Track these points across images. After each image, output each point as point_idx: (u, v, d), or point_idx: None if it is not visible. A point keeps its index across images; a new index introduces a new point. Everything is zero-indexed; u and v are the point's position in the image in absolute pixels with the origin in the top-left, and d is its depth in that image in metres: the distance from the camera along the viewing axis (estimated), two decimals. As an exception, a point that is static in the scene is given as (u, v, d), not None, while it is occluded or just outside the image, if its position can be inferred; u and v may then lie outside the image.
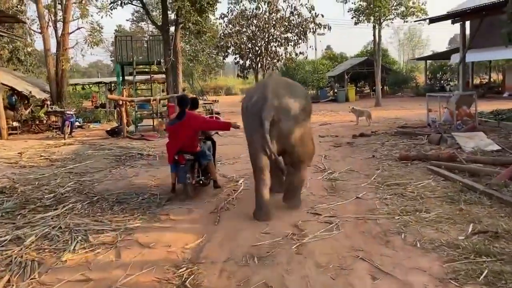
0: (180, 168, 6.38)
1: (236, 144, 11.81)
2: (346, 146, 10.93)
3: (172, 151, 6.45)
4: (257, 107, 5.25)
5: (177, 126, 6.38)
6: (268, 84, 5.57)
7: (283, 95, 5.37)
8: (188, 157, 6.39)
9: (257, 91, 5.67)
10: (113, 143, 13.10)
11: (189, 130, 6.35)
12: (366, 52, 37.86)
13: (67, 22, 22.41)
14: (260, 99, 5.31)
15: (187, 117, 6.36)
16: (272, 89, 5.39)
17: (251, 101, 5.48)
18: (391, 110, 21.18)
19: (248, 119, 5.50)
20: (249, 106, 5.48)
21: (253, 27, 22.56)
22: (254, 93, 5.61)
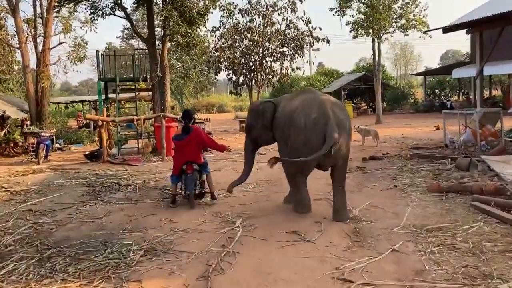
0: (188, 177, 6.92)
1: (230, 169, 10.34)
2: (357, 172, 9.47)
3: (179, 164, 7.03)
4: (319, 125, 5.51)
5: (185, 140, 6.94)
6: (324, 100, 5.81)
7: (338, 112, 5.68)
8: (195, 167, 7.00)
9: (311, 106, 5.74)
10: (91, 169, 11.55)
11: (195, 144, 6.96)
12: (362, 68, 36.75)
13: (48, 36, 20.93)
14: (322, 117, 5.53)
15: (193, 132, 7.01)
16: (330, 106, 5.66)
17: (310, 118, 5.59)
18: (395, 128, 19.83)
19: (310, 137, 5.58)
20: (309, 122, 5.60)
21: (247, 41, 21.24)
22: (311, 110, 5.68)
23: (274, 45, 21.31)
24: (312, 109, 5.66)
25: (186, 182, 6.95)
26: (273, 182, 8.80)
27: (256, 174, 9.63)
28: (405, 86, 37.09)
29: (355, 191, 7.64)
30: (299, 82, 33.42)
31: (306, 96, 6.08)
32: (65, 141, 19.76)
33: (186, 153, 6.95)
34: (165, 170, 10.89)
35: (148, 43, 14.45)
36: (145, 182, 9.24)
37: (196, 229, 5.73)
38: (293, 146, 5.83)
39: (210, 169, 7.50)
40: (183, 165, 6.94)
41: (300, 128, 5.68)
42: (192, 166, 6.93)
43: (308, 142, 5.59)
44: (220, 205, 7.09)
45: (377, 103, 24.44)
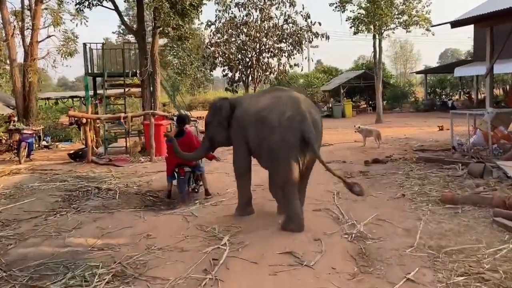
0: (180, 179, 7.24)
1: (223, 172, 9.56)
2: (360, 177, 8.68)
3: (172, 165, 7.31)
4: (295, 123, 5.19)
5: (182, 141, 6.97)
6: (298, 98, 5.56)
7: (311, 110, 5.47)
8: (187, 169, 7.25)
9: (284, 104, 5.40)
10: (73, 170, 10.75)
11: (187, 148, 6.82)
12: (362, 66, 35.93)
13: (36, 29, 20.06)
14: (297, 115, 5.24)
15: (186, 136, 7.27)
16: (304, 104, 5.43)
17: (285, 116, 5.25)
18: (396, 128, 19.05)
19: (286, 135, 5.21)
20: (284, 121, 5.24)
21: (243, 36, 20.39)
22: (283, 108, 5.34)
23: (272, 41, 20.48)
24: (285, 107, 5.33)
25: (179, 184, 7.30)
26: (268, 189, 7.99)
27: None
28: (405, 84, 36.30)
29: (358, 200, 6.83)
30: (297, 79, 32.58)
31: (276, 94, 5.73)
32: (53, 138, 18.95)
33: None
34: (152, 172, 10.11)
35: (138, 36, 13.63)
36: (127, 187, 8.45)
37: (175, 247, 4.94)
38: (270, 147, 5.37)
39: (204, 168, 7.82)
40: (175, 167, 7.25)
41: (273, 127, 5.28)
42: (183, 169, 7.21)
43: (284, 141, 5.21)
44: (207, 215, 6.30)
45: (378, 102, 23.67)
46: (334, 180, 8.40)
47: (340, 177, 5.53)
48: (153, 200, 7.30)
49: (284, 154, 5.26)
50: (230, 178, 8.94)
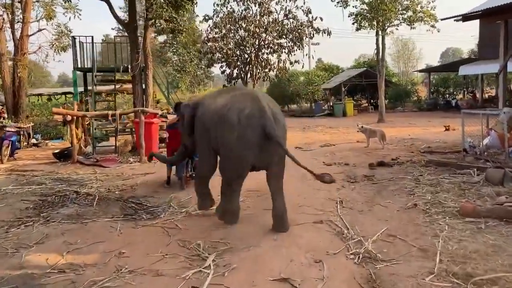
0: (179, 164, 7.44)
1: (218, 175, 8.76)
2: (365, 182, 7.90)
3: (171, 151, 7.55)
4: (255, 119, 5.05)
5: (176, 129, 7.11)
6: (258, 95, 5.43)
7: (271, 106, 5.32)
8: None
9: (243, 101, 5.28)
10: (55, 171, 9.99)
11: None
12: (363, 63, 35.13)
13: (26, 22, 19.29)
14: (256, 111, 5.10)
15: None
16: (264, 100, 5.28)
17: (244, 113, 5.11)
18: (399, 128, 18.27)
19: (245, 131, 5.05)
20: (243, 117, 5.09)
21: (242, 31, 19.59)
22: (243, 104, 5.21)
23: (271, 36, 19.67)
24: (245, 104, 5.20)
25: (177, 168, 7.72)
26: (263, 194, 7.22)
27: (244, 183, 8.12)
28: (407, 83, 35.49)
29: (364, 210, 6.08)
30: (298, 76, 31.71)
31: (236, 93, 5.64)
32: (44, 136, 18.20)
33: (177, 140, 7.10)
34: (139, 174, 9.35)
35: (129, 29, 12.83)
36: (109, 191, 7.67)
37: (150, 270, 4.17)
38: (226, 146, 5.23)
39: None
40: (174, 152, 7.31)
41: (233, 125, 5.11)
42: None
43: (243, 137, 5.06)
44: (192, 227, 5.53)
45: (380, 101, 22.88)
46: (336, 185, 7.69)
47: (307, 169, 5.23)
48: (135, 208, 6.52)
49: (239, 152, 5.13)
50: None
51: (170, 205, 6.69)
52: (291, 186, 7.80)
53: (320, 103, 30.79)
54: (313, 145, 13.84)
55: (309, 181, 8.10)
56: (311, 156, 11.35)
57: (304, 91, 30.15)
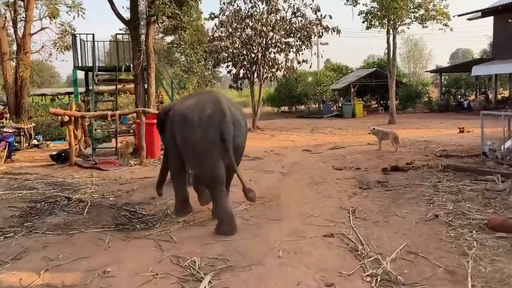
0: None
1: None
2: (379, 189, 7.31)
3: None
4: (215, 120, 5.10)
5: None
6: (219, 97, 5.45)
7: (233, 110, 5.36)
8: None
9: (208, 103, 5.31)
10: (50, 174, 9.52)
11: None
12: (373, 64, 34.45)
13: (29, 21, 18.90)
14: (217, 112, 5.15)
15: None
16: (226, 103, 5.32)
17: (205, 113, 5.18)
18: (411, 129, 17.65)
19: (207, 132, 5.12)
20: (204, 118, 5.16)
21: (249, 29, 19.02)
22: (205, 105, 5.28)
23: (279, 35, 19.07)
24: (207, 105, 5.30)
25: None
26: (268, 202, 6.68)
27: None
28: (418, 84, 34.76)
29: (379, 221, 5.49)
30: (306, 77, 31.11)
31: (202, 96, 5.79)
32: (46, 136, 17.77)
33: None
34: (137, 178, 8.83)
35: (131, 26, 12.35)
36: (103, 197, 7.16)
37: (136, 294, 3.63)
38: (190, 147, 5.32)
39: None
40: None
41: (194, 125, 5.20)
42: None
43: (206, 138, 5.13)
44: (188, 240, 4.98)
45: (391, 102, 22.22)
46: (347, 192, 7.13)
47: (241, 180, 5.27)
48: (129, 217, 5.99)
49: (206, 153, 5.20)
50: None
51: (167, 213, 6.16)
52: (297, 192, 7.26)
53: (328, 104, 30.20)
54: (322, 147, 13.27)
55: (317, 187, 7.57)
56: (320, 159, 10.78)
57: (312, 91, 29.57)
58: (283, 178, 8.58)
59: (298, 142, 15.19)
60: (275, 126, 22.38)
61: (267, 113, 32.36)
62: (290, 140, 15.71)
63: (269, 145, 13.99)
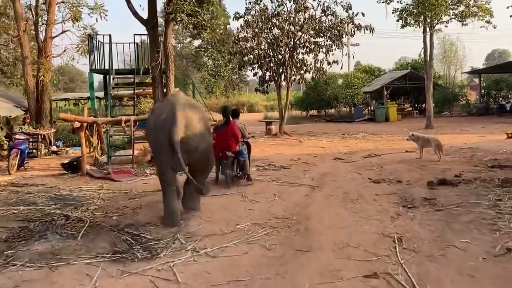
0: (223, 162, 8.09)
1: (237, 193, 7.28)
2: (426, 208, 6.16)
3: (218, 151, 7.69)
4: (167, 125, 5.55)
5: (224, 131, 8.08)
6: (176, 102, 5.86)
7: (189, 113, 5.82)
8: (230, 154, 8.02)
9: (165, 108, 5.86)
10: (57, 186, 8.75)
11: (230, 135, 8.03)
12: (407, 65, 32.86)
13: (50, 24, 18.44)
14: (169, 118, 5.59)
15: (230, 124, 8.11)
16: (180, 107, 5.73)
17: (160, 118, 5.74)
18: (451, 135, 16.28)
19: (157, 135, 5.71)
20: (158, 123, 5.74)
21: (276, 29, 18.02)
22: (163, 111, 5.84)
23: (308, 35, 18.00)
24: (163, 110, 5.84)
25: (221, 167, 8.18)
26: (295, 224, 5.64)
27: (272, 206, 6.57)
28: (454, 85, 32.98)
29: (434, 254, 4.38)
30: (336, 79, 29.90)
31: (167, 100, 6.55)
32: (66, 142, 17.22)
33: (223, 141, 8.00)
34: (149, 191, 7.94)
35: (148, 26, 11.55)
36: (106, 215, 6.26)
37: None
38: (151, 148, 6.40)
39: (247, 155, 8.49)
40: (220, 152, 7.86)
41: (151, 129, 5.94)
42: (226, 154, 7.95)
43: (157, 141, 5.77)
44: (194, 278, 3.99)
45: (428, 105, 20.83)
46: (389, 211, 6.02)
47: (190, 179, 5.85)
48: (130, 242, 5.05)
49: (157, 155, 5.91)
50: (246, 204, 6.68)
51: (176, 236, 5.21)
52: (330, 212, 6.18)
53: (360, 107, 28.89)
54: (355, 155, 12.13)
55: (353, 205, 6.48)
56: (354, 169, 9.66)
57: (343, 94, 28.35)
58: (312, 192, 7.51)
59: (329, 149, 14.08)
60: (303, 130, 21.27)
61: (295, 117, 31.26)
62: (320, 147, 14.61)
63: (296, 152, 12.94)
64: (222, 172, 8.18)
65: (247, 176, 8.36)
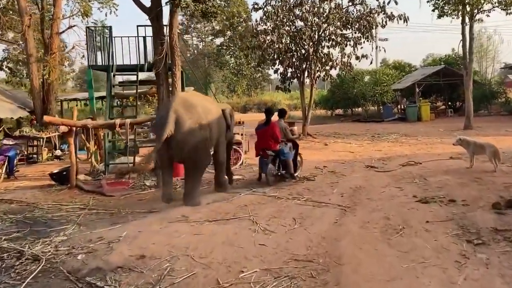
0: (263, 161, 8.17)
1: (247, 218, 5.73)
2: (502, 245, 4.48)
3: (258, 149, 8.29)
4: (161, 122, 6.42)
5: (263, 130, 8.22)
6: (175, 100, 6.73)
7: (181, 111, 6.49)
8: (270, 153, 8.09)
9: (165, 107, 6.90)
10: (37, 202, 7.39)
11: (270, 135, 8.12)
12: (440, 60, 30.63)
13: (56, 19, 17.22)
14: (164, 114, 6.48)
15: (271, 125, 8.20)
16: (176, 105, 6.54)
17: (159, 115, 6.89)
18: (495, 137, 14.33)
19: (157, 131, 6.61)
20: (157, 119, 6.86)
21: (298, 21, 16.35)
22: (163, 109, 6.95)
23: (333, 26, 16.25)
24: (164, 108, 6.78)
25: (261, 165, 8.32)
26: (321, 273, 4.03)
27: (290, 240, 4.97)
28: (492, 82, 30.58)
29: None
30: (363, 76, 27.99)
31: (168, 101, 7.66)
32: (69, 146, 15.93)
33: (263, 140, 8.22)
34: (142, 212, 6.44)
35: (151, 15, 10.08)
36: (70, 252, 4.75)
37: None
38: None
39: (289, 154, 8.35)
40: (260, 151, 8.23)
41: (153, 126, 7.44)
42: (267, 153, 8.10)
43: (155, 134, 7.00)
44: None
45: (468, 103, 18.84)
46: (451, 251, 4.37)
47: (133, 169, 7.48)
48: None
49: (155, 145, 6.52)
50: (256, 236, 5.11)
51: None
52: (369, 251, 4.53)
53: (389, 106, 26.90)
54: (391, 162, 10.42)
55: (399, 239, 4.83)
56: (392, 182, 7.99)
57: (371, 92, 26.43)
58: (343, 217, 5.86)
59: (358, 153, 12.36)
60: (328, 131, 19.49)
61: (320, 117, 29.49)
62: (348, 151, 12.90)
63: (321, 158, 11.30)
64: (263, 170, 8.24)
65: (290, 174, 8.31)
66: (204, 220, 5.82)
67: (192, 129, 6.43)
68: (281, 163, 8.30)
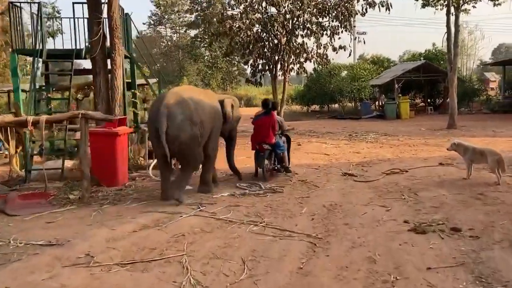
0: (260, 155, 7.90)
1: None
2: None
3: (254, 142, 8.03)
4: (154, 116, 6.37)
5: (263, 119, 7.97)
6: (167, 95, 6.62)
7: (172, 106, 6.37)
8: (267, 147, 7.84)
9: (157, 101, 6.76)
10: None
11: (268, 126, 7.86)
12: (419, 55, 29.40)
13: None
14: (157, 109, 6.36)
15: (271, 115, 7.99)
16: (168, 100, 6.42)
17: (153, 109, 6.68)
18: (484, 138, 13.04)
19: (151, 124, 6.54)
20: (150, 114, 6.76)
21: (269, 7, 14.71)
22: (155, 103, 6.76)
23: (308, 13, 14.65)
24: (157, 103, 6.58)
25: (258, 160, 7.98)
26: None
27: None
28: (473, 79, 29.56)
29: None
30: (340, 70, 26.56)
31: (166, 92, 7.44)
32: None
33: (260, 133, 7.95)
34: (38, 243, 4.67)
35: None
36: None
37: None
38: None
39: (285, 147, 8.28)
40: (257, 144, 7.91)
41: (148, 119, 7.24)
42: (263, 147, 7.80)
43: (149, 130, 6.78)
44: None
45: (451, 100, 17.50)
46: None
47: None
48: None
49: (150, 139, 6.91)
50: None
51: None
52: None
53: (367, 103, 25.53)
54: (372, 168, 8.89)
55: None
56: (376, 198, 6.42)
57: (348, 88, 24.99)
58: (311, 259, 4.19)
59: (334, 156, 10.79)
60: (303, 129, 17.83)
61: (295, 113, 27.92)
62: (323, 153, 11.30)
63: (293, 161, 9.53)
64: (260, 165, 7.98)
65: (285, 168, 8.24)
66: (116, 262, 4.10)
67: (184, 125, 6.35)
68: (276, 156, 8.14)
